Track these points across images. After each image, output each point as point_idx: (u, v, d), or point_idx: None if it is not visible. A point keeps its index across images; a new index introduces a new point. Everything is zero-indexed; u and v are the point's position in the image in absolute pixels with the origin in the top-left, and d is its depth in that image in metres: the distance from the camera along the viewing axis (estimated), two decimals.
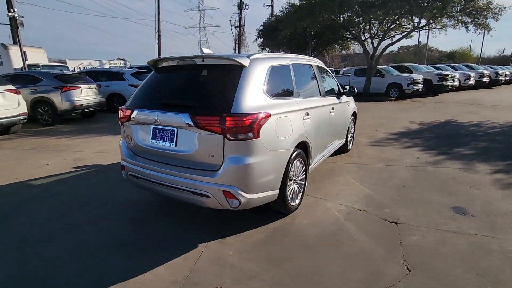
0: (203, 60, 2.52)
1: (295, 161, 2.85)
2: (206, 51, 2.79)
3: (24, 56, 12.87)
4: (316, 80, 3.63)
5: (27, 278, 2.09)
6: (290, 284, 1.99)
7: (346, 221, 2.83)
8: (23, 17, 12.54)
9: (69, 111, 8.14)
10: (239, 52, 33.86)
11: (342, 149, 5.05)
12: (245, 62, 2.41)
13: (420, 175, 4.04)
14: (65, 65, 19.24)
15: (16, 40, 14.64)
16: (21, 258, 2.31)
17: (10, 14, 12.33)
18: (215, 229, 2.70)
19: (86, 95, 8.64)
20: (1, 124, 6.28)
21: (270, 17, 19.07)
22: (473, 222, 2.76)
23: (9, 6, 12.52)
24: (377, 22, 14.98)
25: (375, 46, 15.43)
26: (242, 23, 31.79)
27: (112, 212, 3.07)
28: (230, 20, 33.43)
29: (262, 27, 20.26)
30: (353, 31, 15.76)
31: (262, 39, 20.49)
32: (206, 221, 2.88)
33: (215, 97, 2.38)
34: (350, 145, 5.30)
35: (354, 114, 5.26)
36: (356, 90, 4.57)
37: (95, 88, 9.03)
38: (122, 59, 28.90)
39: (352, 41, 17.91)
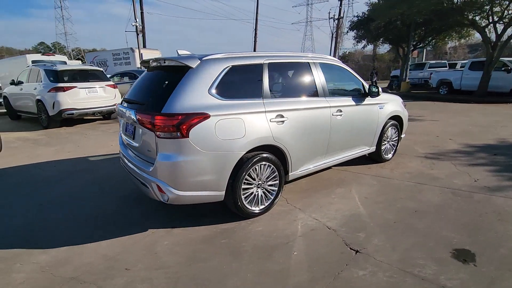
0: (164, 62, 2.72)
1: (257, 165, 2.74)
2: (182, 52, 2.96)
3: (141, 57, 15.96)
4: (314, 79, 3.29)
5: (35, 225, 2.82)
6: (185, 285, 2.02)
7: (302, 236, 2.56)
8: (142, 25, 15.54)
9: None
10: (335, 46, 32.28)
11: (375, 158, 4.39)
12: (192, 63, 2.47)
13: (453, 201, 3.16)
14: None
15: (143, 44, 18.36)
16: (36, 214, 3.10)
17: (133, 24, 15.53)
18: (175, 219, 2.90)
19: None
20: (101, 111, 8.14)
21: (368, 5, 17.31)
22: (468, 274, 2.04)
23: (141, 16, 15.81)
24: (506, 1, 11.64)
25: (498, 33, 12.08)
26: (341, 15, 30.06)
27: (115, 189, 3.67)
28: (329, 13, 32.07)
29: (356, 18, 18.69)
30: (470, 15, 12.75)
31: (355, 31, 18.91)
32: (176, 212, 3.09)
33: (157, 96, 2.55)
34: (390, 154, 4.53)
35: (396, 118, 4.46)
36: (379, 90, 3.86)
37: None
38: None
39: (469, 28, 14.50)
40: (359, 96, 3.80)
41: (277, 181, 2.98)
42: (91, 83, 8.01)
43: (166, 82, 2.60)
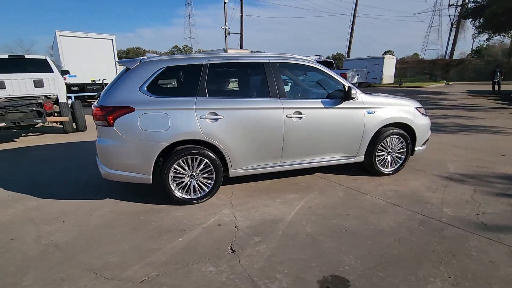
0: (119, 64, 3.28)
1: (187, 157, 3.01)
2: (150, 55, 3.42)
3: None
4: (265, 79, 3.23)
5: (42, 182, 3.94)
6: (81, 239, 2.54)
7: (204, 228, 2.70)
8: (229, 28, 17.13)
9: None
10: (454, 38, 26.96)
11: (369, 170, 3.89)
12: (131, 65, 2.94)
13: (408, 230, 2.62)
14: None
15: (240, 44, 20.20)
16: (60, 175, 4.25)
17: (223, 27, 17.26)
18: (131, 195, 3.44)
19: None
20: None
21: None
22: None
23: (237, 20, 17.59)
24: None
25: None
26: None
27: None
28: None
29: (473, 4, 15.26)
30: None
31: (470, 19, 15.46)
32: (136, 189, 3.53)
33: (105, 92, 3.09)
34: (390, 168, 3.91)
35: (404, 127, 3.79)
36: (352, 93, 3.36)
37: None
38: (317, 55, 31.42)
39: None
40: (334, 98, 3.47)
41: (213, 176, 3.16)
42: None
43: (115, 80, 3.16)
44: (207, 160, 3.09)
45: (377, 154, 3.81)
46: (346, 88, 3.42)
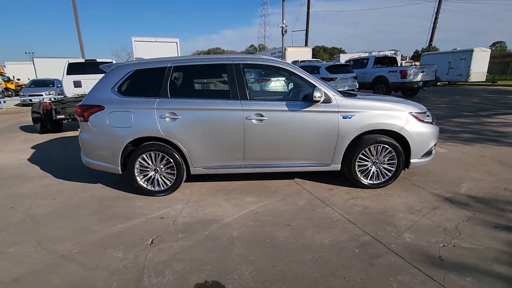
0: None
1: (149, 153, 3.30)
2: (137, 57, 3.80)
3: (282, 55, 17.56)
4: (227, 81, 3.24)
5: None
6: (43, 215, 3.07)
7: (144, 218, 2.94)
8: (287, 26, 17.04)
9: None
10: None
11: (351, 181, 3.54)
12: (107, 69, 3.34)
13: (334, 249, 2.35)
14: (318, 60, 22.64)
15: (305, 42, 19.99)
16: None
17: (280, 25, 17.27)
18: (112, 181, 3.91)
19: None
20: None
21: None
22: None
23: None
24: None
25: None
26: None
27: None
28: None
29: None
30: None
31: None
32: (120, 177, 4.09)
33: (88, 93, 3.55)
34: (376, 180, 3.47)
35: (394, 135, 3.33)
36: (317, 96, 3.05)
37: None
38: (394, 50, 28.40)
39: None
40: (302, 101, 3.27)
41: (175, 171, 3.37)
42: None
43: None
44: (167, 157, 3.32)
45: (358, 163, 3.42)
46: (327, 92, 3.19)
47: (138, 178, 3.38)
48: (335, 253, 2.31)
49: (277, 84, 10.30)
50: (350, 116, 3.27)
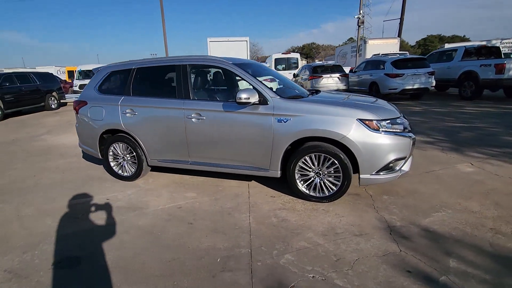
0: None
1: (116, 144, 3.85)
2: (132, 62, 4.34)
3: (360, 49, 16.10)
4: (174, 81, 3.42)
5: None
6: (36, 192, 3.96)
7: (95, 205, 3.49)
8: (363, 16, 15.45)
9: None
10: None
11: (293, 191, 3.28)
12: (96, 71, 4.01)
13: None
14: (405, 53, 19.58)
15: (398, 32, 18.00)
16: None
17: (356, 16, 15.80)
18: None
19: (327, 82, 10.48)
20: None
21: None
22: None
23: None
24: None
25: None
26: None
27: None
28: None
29: None
30: None
31: None
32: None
33: None
34: (321, 192, 3.10)
35: (340, 145, 2.93)
36: (243, 97, 2.86)
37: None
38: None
39: None
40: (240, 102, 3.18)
41: (137, 161, 3.83)
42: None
43: None
44: (130, 148, 3.79)
45: (301, 173, 3.12)
46: (266, 93, 3.08)
47: (111, 164, 3.99)
48: (195, 259, 2.29)
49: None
50: (285, 120, 3.01)
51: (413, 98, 11.18)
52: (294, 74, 13.31)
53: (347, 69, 14.63)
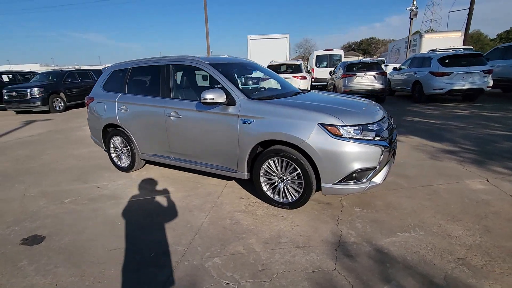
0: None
1: (115, 137, 4.21)
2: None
3: (410, 44, 14.63)
4: (158, 81, 3.59)
5: None
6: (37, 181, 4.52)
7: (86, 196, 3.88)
8: (417, 8, 13.95)
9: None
10: None
11: (259, 194, 3.22)
12: (104, 70, 4.41)
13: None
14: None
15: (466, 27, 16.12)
16: None
17: (408, 8, 14.32)
18: None
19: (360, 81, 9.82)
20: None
21: None
22: None
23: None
24: None
25: None
26: None
27: None
28: None
29: None
30: None
31: None
32: None
33: None
34: (286, 198, 2.99)
35: (301, 150, 2.79)
36: (207, 96, 2.85)
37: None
38: None
39: None
40: (198, 103, 3.24)
41: (130, 153, 4.14)
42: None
43: None
44: (125, 141, 4.11)
45: (266, 177, 3.04)
46: (234, 93, 3.09)
47: (112, 155, 4.37)
48: (134, 251, 2.41)
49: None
50: (249, 122, 2.95)
51: (466, 99, 9.82)
52: (330, 72, 12.72)
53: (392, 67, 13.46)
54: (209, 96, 2.99)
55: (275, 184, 3.00)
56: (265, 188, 3.06)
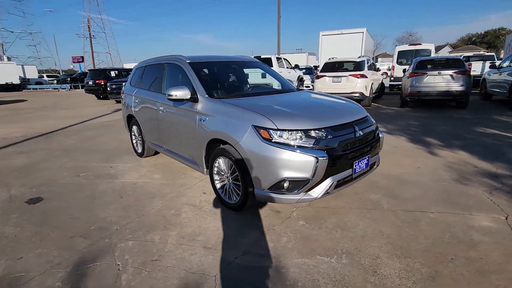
0: None
1: (134, 125, 4.88)
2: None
3: None
4: (162, 79, 3.95)
5: None
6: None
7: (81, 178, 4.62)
8: None
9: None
10: None
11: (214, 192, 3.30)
12: (134, 67, 5.12)
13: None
14: None
15: None
16: None
17: None
18: None
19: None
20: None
21: None
22: None
23: None
24: None
25: None
26: None
27: None
28: None
29: None
30: None
31: None
32: None
33: None
34: (225, 196, 2.98)
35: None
36: (172, 94, 3.00)
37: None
38: None
39: None
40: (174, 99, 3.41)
41: (142, 140, 4.73)
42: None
43: None
44: (139, 130, 4.72)
45: (219, 176, 3.06)
46: (199, 90, 3.24)
47: (133, 141, 5.08)
48: (85, 221, 2.83)
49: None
50: (203, 119, 3.02)
51: None
52: (403, 70, 11.13)
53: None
54: (173, 92, 3.17)
55: (224, 183, 3.00)
56: (218, 186, 3.09)
